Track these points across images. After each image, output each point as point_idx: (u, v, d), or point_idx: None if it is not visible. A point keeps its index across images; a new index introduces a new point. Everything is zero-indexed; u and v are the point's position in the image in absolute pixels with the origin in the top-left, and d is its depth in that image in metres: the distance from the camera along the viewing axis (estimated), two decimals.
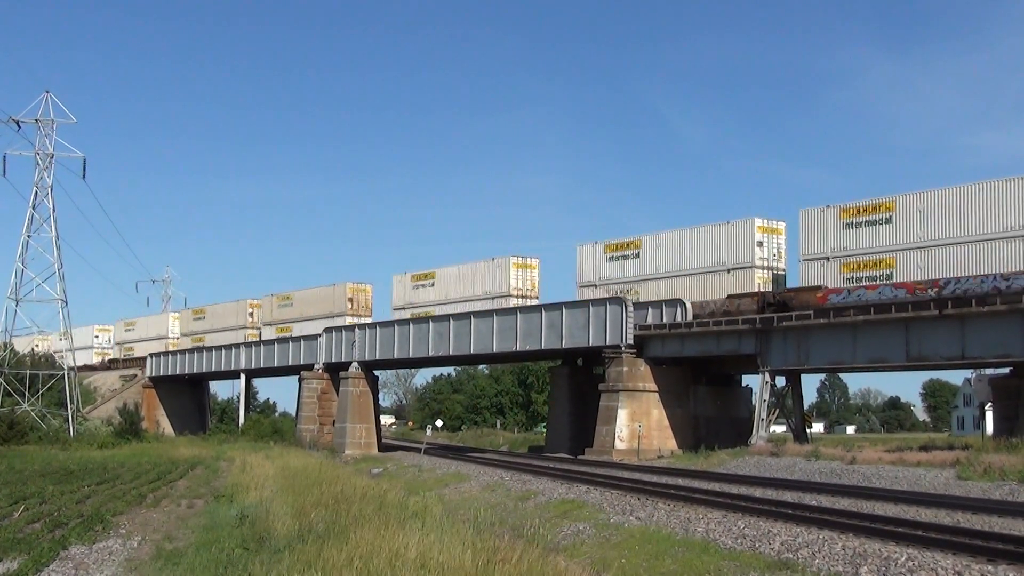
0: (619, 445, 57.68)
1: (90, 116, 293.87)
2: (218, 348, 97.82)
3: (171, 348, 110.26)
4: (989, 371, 60.79)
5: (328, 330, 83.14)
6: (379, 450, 77.97)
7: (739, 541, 21.55)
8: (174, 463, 50.10)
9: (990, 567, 17.29)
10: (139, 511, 28.49)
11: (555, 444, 68.56)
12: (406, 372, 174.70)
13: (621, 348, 59.19)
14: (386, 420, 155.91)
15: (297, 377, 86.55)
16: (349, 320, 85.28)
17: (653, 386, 59.35)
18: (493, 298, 71.63)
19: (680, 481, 38.66)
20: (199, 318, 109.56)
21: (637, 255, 63.21)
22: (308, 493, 27.81)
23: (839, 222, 52.29)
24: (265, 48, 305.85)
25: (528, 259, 72.51)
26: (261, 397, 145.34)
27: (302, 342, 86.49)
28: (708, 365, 61.50)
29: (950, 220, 47.61)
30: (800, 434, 57.25)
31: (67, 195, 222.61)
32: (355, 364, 79.01)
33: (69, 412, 79.49)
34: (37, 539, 21.62)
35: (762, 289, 56.06)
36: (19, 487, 35.09)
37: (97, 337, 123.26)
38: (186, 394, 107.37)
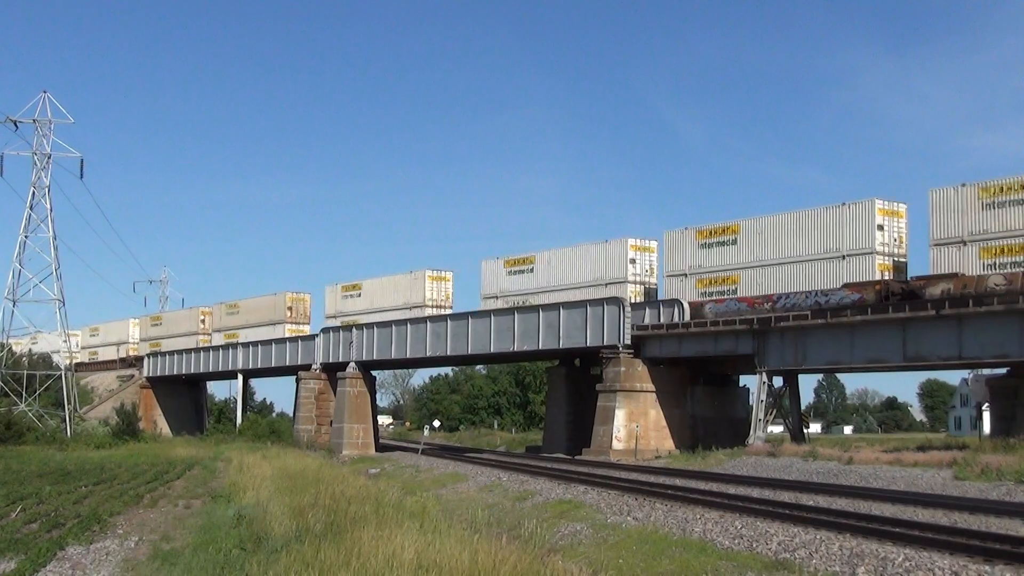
0: (616, 445, 57.69)
1: (88, 116, 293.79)
2: (216, 348, 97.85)
3: (131, 353, 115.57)
4: (986, 371, 60.96)
5: (325, 330, 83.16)
6: (376, 450, 77.91)
7: (736, 541, 21.56)
8: (171, 463, 50.05)
9: (987, 567, 17.32)
10: (136, 511, 28.46)
11: (552, 444, 68.56)
12: (404, 372, 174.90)
13: (619, 348, 59.20)
14: (383, 420, 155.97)
15: (294, 377, 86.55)
16: (290, 328, 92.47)
17: (651, 386, 59.36)
18: (411, 308, 76.30)
19: (677, 481, 38.67)
20: (156, 324, 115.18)
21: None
22: (305, 493, 27.79)
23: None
24: (263, 48, 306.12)
25: (443, 272, 78.26)
26: (258, 397, 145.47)
27: (300, 342, 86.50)
28: (705, 365, 61.53)
29: None
30: (797, 434, 57.31)
31: (65, 195, 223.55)
32: (352, 364, 78.97)
33: (66, 412, 79.47)
34: (34, 539, 21.61)
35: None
36: (16, 487, 35.04)
37: (65, 342, 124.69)
38: (183, 394, 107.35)
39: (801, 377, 59.40)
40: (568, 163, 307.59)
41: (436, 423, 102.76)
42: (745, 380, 64.97)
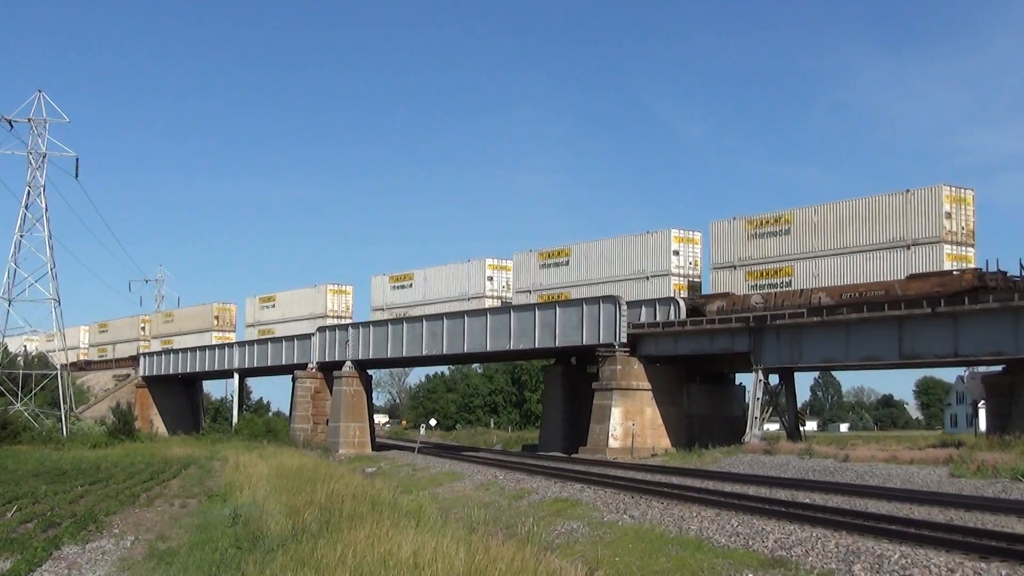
0: (613, 443, 57.72)
1: (83, 116, 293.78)
2: (211, 348, 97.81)
3: (82, 357, 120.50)
4: (982, 369, 60.97)
5: (321, 329, 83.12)
6: (373, 449, 77.92)
7: (732, 539, 21.57)
8: (167, 463, 50.02)
9: (983, 564, 17.32)
10: (132, 511, 28.43)
11: (549, 443, 68.57)
12: (400, 371, 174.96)
13: (615, 347, 59.22)
14: (380, 419, 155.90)
15: (291, 376, 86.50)
16: (216, 336, 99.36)
17: (647, 384, 59.39)
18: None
19: (674, 479, 38.68)
20: (103, 331, 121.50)
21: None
22: (301, 492, 27.76)
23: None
24: (259, 48, 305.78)
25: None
26: (255, 396, 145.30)
27: (295, 341, 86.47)
28: (702, 363, 61.57)
29: None
30: (793, 432, 57.36)
31: (60, 194, 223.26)
32: (349, 363, 78.93)
33: (62, 412, 79.34)
34: (30, 539, 21.56)
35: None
36: (12, 487, 34.98)
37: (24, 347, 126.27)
38: (179, 393, 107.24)
39: (797, 375, 59.47)
40: (566, 162, 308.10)
41: (432, 422, 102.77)
42: (741, 378, 65.17)
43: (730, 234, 57.52)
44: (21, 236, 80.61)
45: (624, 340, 59.05)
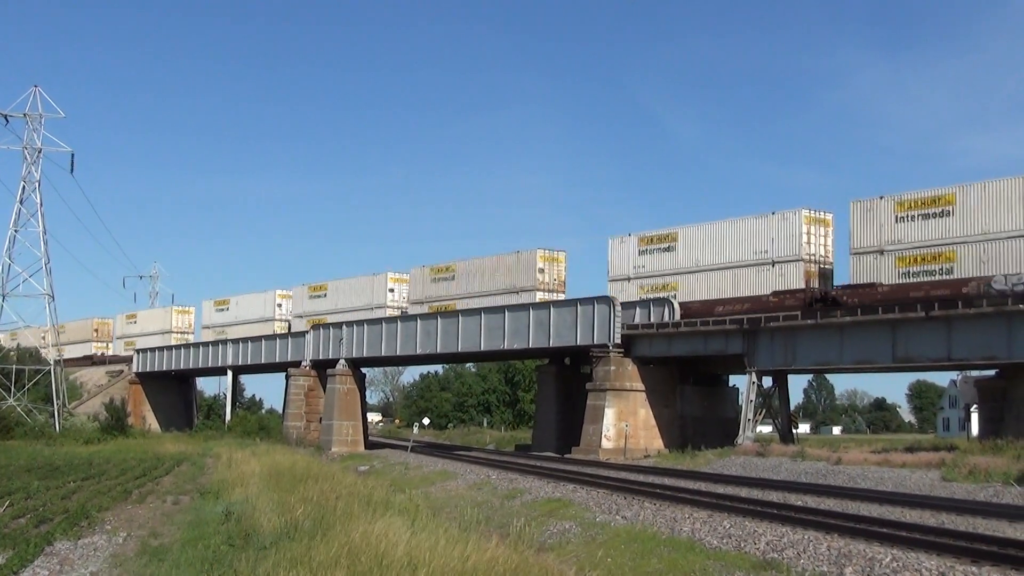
0: (606, 444, 57.76)
1: (79, 111, 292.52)
2: (205, 344, 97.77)
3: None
4: (975, 373, 61.02)
5: (315, 327, 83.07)
6: (366, 447, 77.90)
7: (725, 541, 21.61)
8: (160, 459, 49.96)
9: (974, 568, 17.38)
10: (125, 507, 28.40)
11: (542, 443, 68.56)
12: (393, 369, 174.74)
13: (609, 347, 59.25)
14: (373, 417, 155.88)
15: (284, 374, 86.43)
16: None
17: (640, 385, 59.43)
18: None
19: (666, 480, 38.73)
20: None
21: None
22: (294, 490, 27.74)
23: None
24: (256, 45, 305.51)
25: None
26: (248, 394, 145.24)
27: (289, 339, 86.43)
28: (695, 365, 61.58)
29: None
30: (786, 434, 57.41)
31: (55, 190, 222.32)
32: (342, 361, 78.89)
33: (55, 407, 79.22)
34: (22, 534, 21.52)
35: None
36: (4, 482, 34.90)
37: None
38: (173, 390, 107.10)
39: (791, 377, 59.51)
40: (562, 161, 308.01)
41: (426, 421, 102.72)
42: (735, 380, 65.21)
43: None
44: (16, 231, 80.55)
45: (618, 341, 59.08)
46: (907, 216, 49.07)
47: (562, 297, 66.79)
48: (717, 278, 57.01)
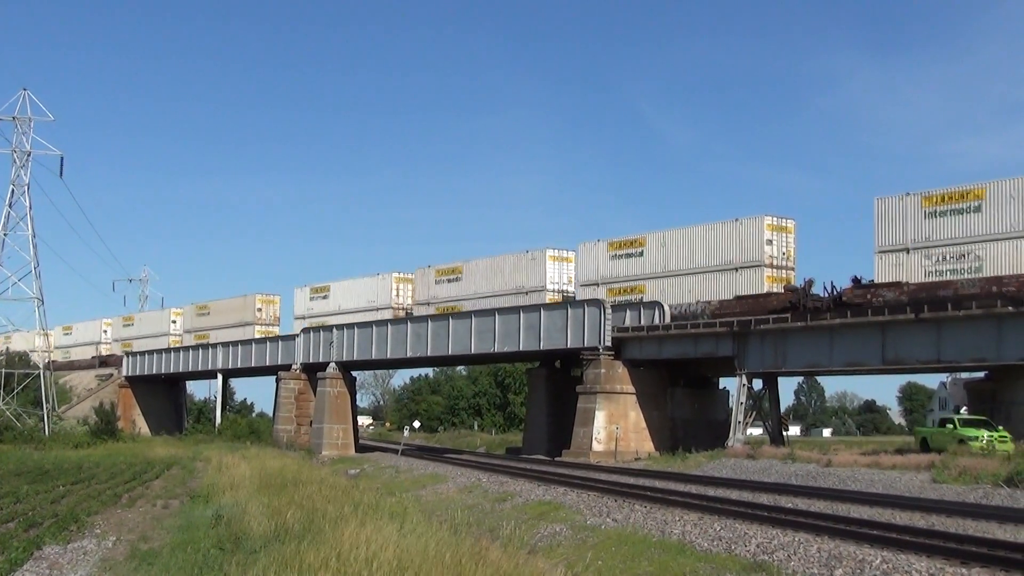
0: (596, 447, 57.75)
1: (68, 114, 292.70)
2: (195, 348, 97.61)
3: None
4: (964, 375, 61.19)
5: (306, 330, 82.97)
6: (356, 451, 77.83)
7: (715, 543, 21.62)
8: (150, 463, 49.87)
9: (963, 570, 17.42)
10: (114, 511, 28.35)
11: (533, 446, 68.57)
12: (384, 373, 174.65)
13: (599, 350, 59.26)
14: (363, 421, 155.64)
15: (274, 377, 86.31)
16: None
17: (631, 388, 59.44)
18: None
19: (657, 483, 38.73)
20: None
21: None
22: (284, 493, 27.72)
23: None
24: (248, 48, 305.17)
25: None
26: (238, 397, 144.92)
27: (280, 342, 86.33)
28: (686, 367, 61.60)
29: None
30: (777, 437, 57.46)
31: (44, 193, 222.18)
32: (333, 364, 78.80)
33: (44, 411, 79.01)
34: (11, 539, 21.47)
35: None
36: None
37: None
38: (163, 394, 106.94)
39: (781, 379, 59.54)
40: (554, 165, 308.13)
41: (416, 424, 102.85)
42: (725, 382, 65.23)
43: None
44: (5, 234, 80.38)
45: (608, 344, 59.09)
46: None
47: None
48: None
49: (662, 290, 59.42)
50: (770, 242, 55.02)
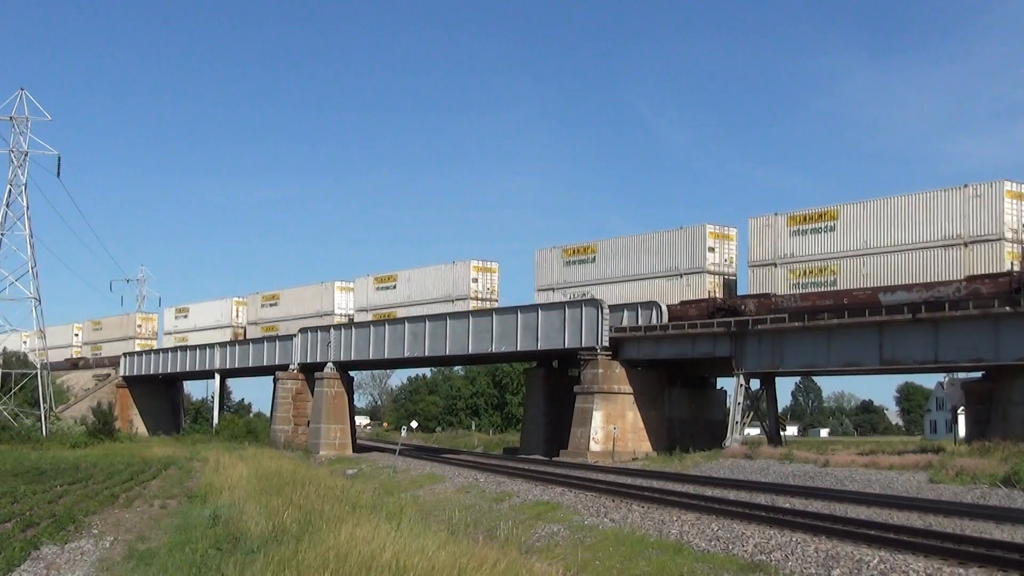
0: (594, 447, 57.75)
1: (65, 114, 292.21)
2: (192, 348, 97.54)
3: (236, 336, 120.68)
4: (962, 375, 61.20)
5: (303, 331, 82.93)
6: (354, 451, 77.81)
7: (713, 543, 21.62)
8: (147, 463, 49.81)
9: (961, 570, 17.43)
10: (112, 511, 28.31)
11: (530, 446, 68.58)
12: (381, 373, 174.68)
13: (596, 350, 59.26)
14: (361, 421, 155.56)
15: (272, 377, 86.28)
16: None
17: (628, 388, 59.45)
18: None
19: (654, 483, 38.75)
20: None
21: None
22: (282, 494, 27.69)
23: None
24: (244, 49, 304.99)
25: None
26: (235, 397, 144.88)
27: (277, 343, 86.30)
28: (683, 367, 61.66)
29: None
30: (774, 437, 57.47)
31: (41, 193, 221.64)
32: (330, 365, 78.79)
33: (42, 411, 78.88)
34: (8, 539, 21.43)
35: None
36: None
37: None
38: (160, 394, 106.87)
39: (778, 380, 59.58)
40: (552, 165, 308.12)
41: (414, 424, 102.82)
42: (722, 382, 65.27)
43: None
44: (2, 234, 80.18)
45: (606, 344, 59.09)
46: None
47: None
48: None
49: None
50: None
